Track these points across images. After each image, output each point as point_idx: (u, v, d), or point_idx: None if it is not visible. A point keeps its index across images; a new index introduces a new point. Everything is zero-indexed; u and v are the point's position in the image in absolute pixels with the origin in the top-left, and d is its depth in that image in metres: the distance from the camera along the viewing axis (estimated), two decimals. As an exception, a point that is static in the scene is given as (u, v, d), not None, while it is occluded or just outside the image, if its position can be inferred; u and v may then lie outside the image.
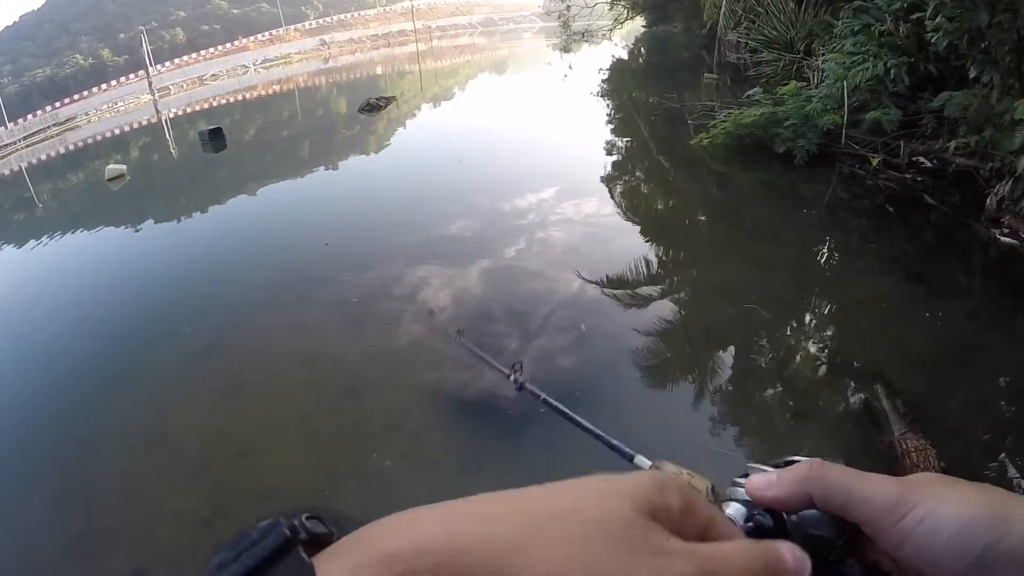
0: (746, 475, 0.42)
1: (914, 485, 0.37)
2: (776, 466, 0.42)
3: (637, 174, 9.83)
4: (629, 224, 7.36)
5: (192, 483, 3.72)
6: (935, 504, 0.35)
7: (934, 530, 0.35)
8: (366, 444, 3.85)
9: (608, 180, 9.07)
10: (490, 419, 3.89)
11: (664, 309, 5.10)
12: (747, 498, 0.40)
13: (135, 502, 3.65)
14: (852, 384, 3.96)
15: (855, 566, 0.39)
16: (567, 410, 2.27)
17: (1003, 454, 3.29)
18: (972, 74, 5.95)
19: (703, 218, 7.75)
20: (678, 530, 0.31)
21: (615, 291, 5.46)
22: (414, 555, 0.27)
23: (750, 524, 0.39)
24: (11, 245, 10.56)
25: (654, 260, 6.13)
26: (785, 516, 0.39)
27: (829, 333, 4.81)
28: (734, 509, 0.40)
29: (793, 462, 0.42)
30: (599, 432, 1.13)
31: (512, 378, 2.54)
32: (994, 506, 0.35)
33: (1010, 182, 5.49)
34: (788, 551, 0.34)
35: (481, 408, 3.99)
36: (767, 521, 0.39)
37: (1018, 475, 3.12)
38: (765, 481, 0.39)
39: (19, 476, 4.04)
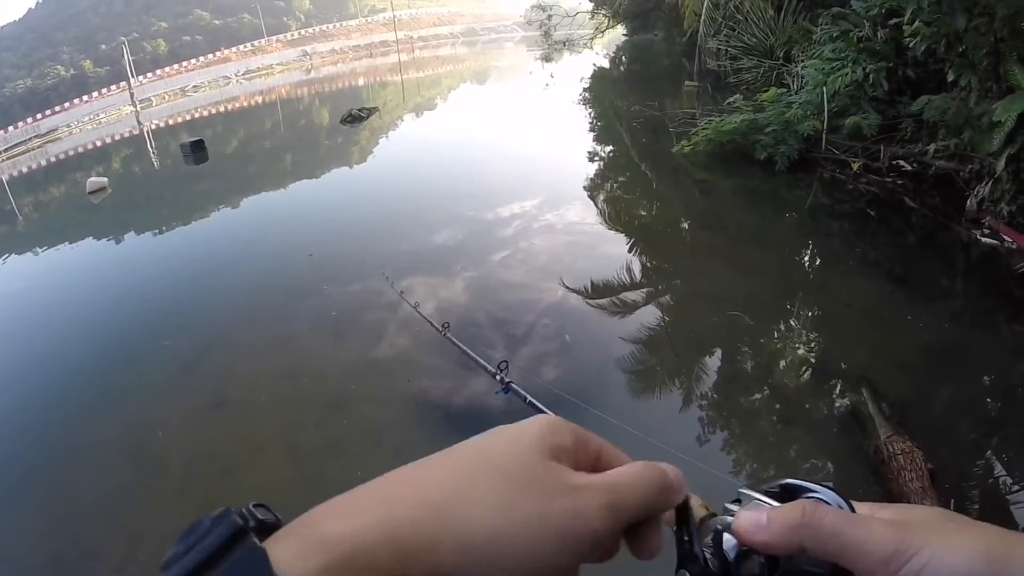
0: (738, 500, 0.40)
1: (912, 530, 0.35)
2: (768, 491, 0.40)
3: (620, 182, 9.86)
4: (612, 232, 7.37)
5: (176, 502, 3.65)
6: (933, 553, 0.34)
7: None
8: (351, 459, 3.80)
9: (591, 189, 9.10)
10: (476, 430, 3.85)
11: (648, 316, 5.09)
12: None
13: (118, 522, 3.58)
14: (838, 388, 3.96)
15: None
16: (552, 414, 2.26)
17: (989, 452, 3.30)
18: (950, 78, 6.01)
19: (686, 225, 7.77)
20: (575, 462, 0.36)
21: (599, 300, 5.45)
22: (359, 531, 0.29)
23: (742, 558, 0.38)
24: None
25: (637, 268, 6.14)
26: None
27: (813, 337, 4.82)
28: (727, 541, 0.38)
29: (786, 487, 0.40)
30: None
31: (498, 377, 2.53)
32: (994, 553, 0.34)
33: (989, 184, 5.54)
34: (670, 470, 0.38)
35: (467, 419, 3.96)
36: (759, 560, 0.38)
37: (1004, 473, 3.13)
38: (755, 523, 0.37)
39: (1, 495, 3.95)
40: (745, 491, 0.41)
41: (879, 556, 0.35)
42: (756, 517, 0.37)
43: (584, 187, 9.08)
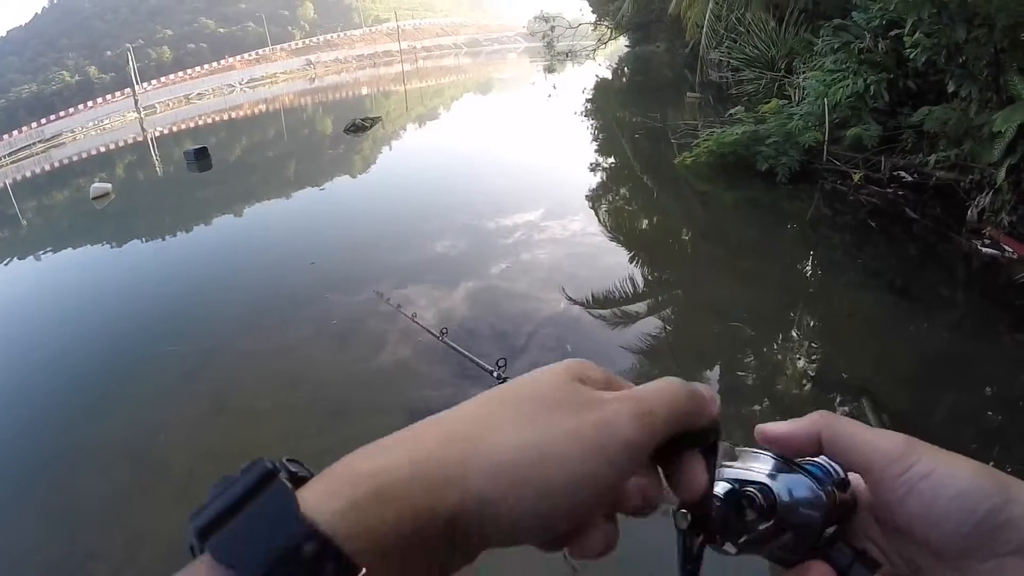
0: (733, 458, 0.42)
1: (919, 443, 0.37)
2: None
3: (622, 193, 9.87)
4: (614, 243, 7.37)
5: (176, 506, 3.64)
6: (940, 461, 0.35)
7: (938, 486, 0.35)
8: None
9: (593, 199, 9.11)
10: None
11: (650, 327, 5.10)
12: (734, 478, 0.40)
13: (119, 525, 3.58)
14: (838, 399, 3.96)
15: (845, 551, 0.38)
16: None
17: (990, 464, 3.28)
18: (951, 89, 6.04)
19: (687, 236, 7.78)
20: (603, 390, 0.35)
21: (601, 310, 5.45)
22: (386, 469, 0.29)
23: (738, 495, 0.39)
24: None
25: (639, 278, 6.14)
26: (776, 497, 0.39)
27: (814, 348, 4.82)
28: (721, 487, 0.39)
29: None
30: None
31: (496, 374, 2.53)
32: (997, 475, 0.35)
33: (990, 194, 5.56)
34: (700, 386, 0.37)
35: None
36: (758, 498, 0.39)
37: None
38: (776, 424, 0.40)
39: (2, 499, 3.95)
40: (742, 448, 0.42)
41: (888, 454, 0.36)
42: (775, 424, 0.41)
43: (586, 198, 9.10)
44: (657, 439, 0.33)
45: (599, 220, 8.14)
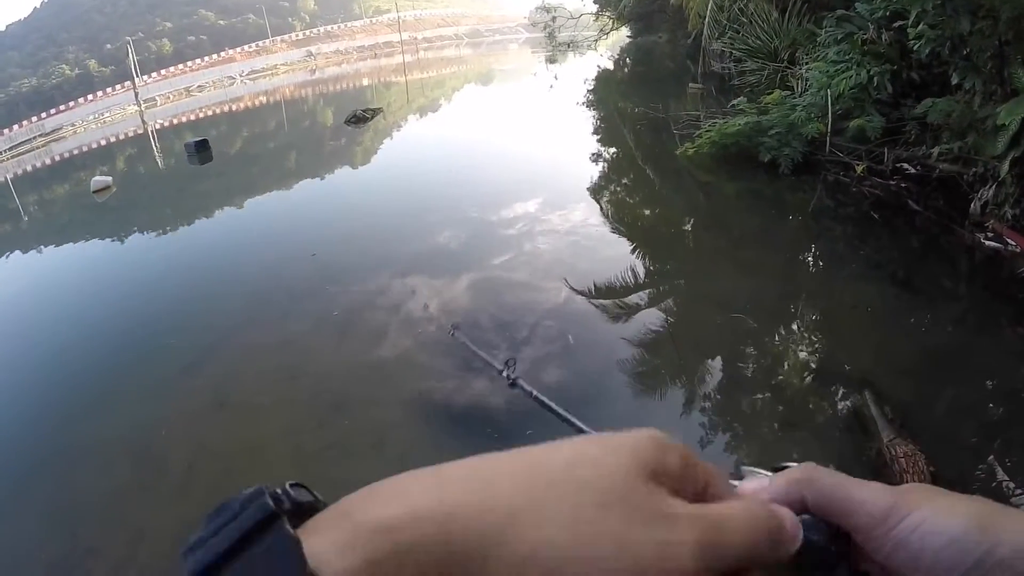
0: (740, 476, 0.41)
1: (907, 494, 0.36)
2: (773, 469, 0.41)
3: (624, 184, 9.85)
4: (616, 234, 7.36)
5: (176, 501, 3.66)
6: (928, 514, 0.35)
7: (927, 540, 0.34)
8: (353, 461, 3.80)
9: (595, 190, 9.09)
10: (481, 423, 3.86)
11: (652, 318, 5.09)
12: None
13: (119, 521, 3.59)
14: (840, 391, 3.96)
15: (846, 573, 0.38)
16: (559, 408, 2.26)
17: (991, 456, 3.29)
18: (954, 80, 6.01)
19: (689, 227, 7.76)
20: (678, 489, 0.30)
21: (603, 300, 5.45)
22: (408, 523, 0.25)
23: None
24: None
25: (641, 269, 6.13)
26: None
27: (817, 340, 4.82)
28: None
29: (786, 467, 0.41)
30: (591, 432, 1.09)
31: (505, 374, 2.54)
32: (985, 518, 0.35)
33: (993, 187, 5.54)
34: (788, 516, 0.33)
35: (471, 419, 3.96)
36: None
37: (1007, 478, 3.12)
38: (758, 485, 0.39)
39: (2, 495, 3.96)
40: (747, 467, 0.42)
41: (876, 512, 0.36)
42: (759, 480, 0.39)
43: (588, 188, 9.08)
44: (718, 572, 0.28)
45: (601, 211, 8.12)
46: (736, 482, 0.41)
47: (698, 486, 0.31)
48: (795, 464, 0.41)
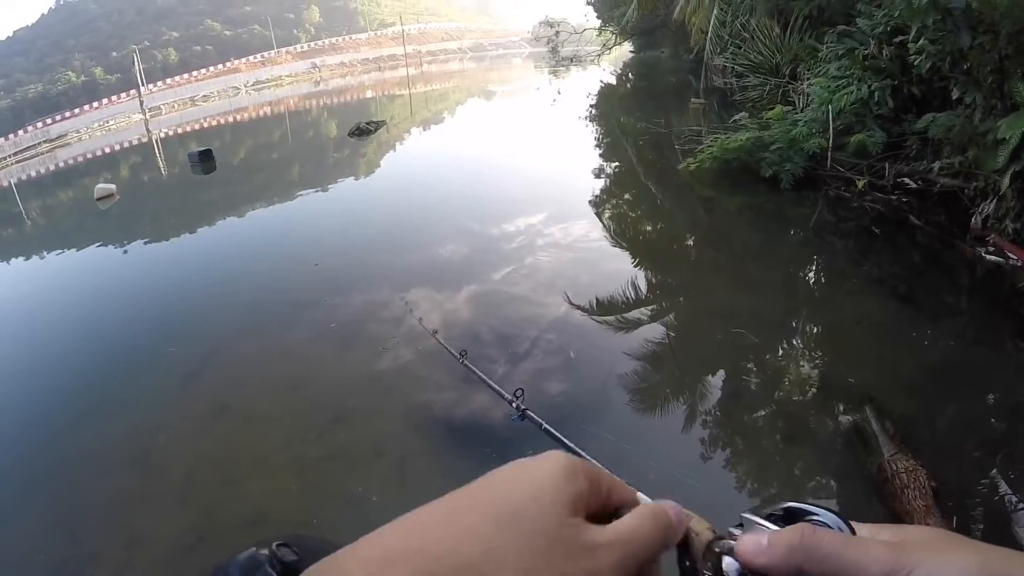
0: (740, 525, 0.41)
1: (908, 550, 0.36)
2: (771, 515, 0.41)
3: (626, 198, 9.88)
4: (617, 249, 7.37)
5: (177, 509, 3.65)
6: (928, 572, 0.35)
7: None
8: (353, 471, 3.79)
9: (597, 205, 9.12)
10: (482, 443, 3.85)
11: (654, 332, 5.09)
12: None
13: (120, 528, 3.57)
14: (841, 406, 3.94)
15: None
16: (566, 440, 2.24)
17: (994, 471, 3.28)
18: (955, 95, 6.03)
19: (691, 242, 7.78)
20: (588, 505, 0.37)
21: (604, 316, 5.45)
22: None
23: None
24: (-2, 263, 10.50)
25: (643, 284, 6.14)
26: None
27: (818, 355, 4.81)
28: (728, 564, 0.39)
29: (789, 510, 0.41)
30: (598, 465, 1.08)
31: (515, 405, 2.51)
32: (987, 568, 0.34)
33: (994, 201, 5.55)
34: (671, 508, 0.40)
35: (472, 433, 3.95)
36: None
37: (1009, 492, 3.11)
38: (755, 547, 0.39)
39: (2, 500, 3.95)
40: (747, 516, 0.42)
41: (875, 575, 0.35)
42: (757, 540, 0.39)
43: (590, 203, 9.11)
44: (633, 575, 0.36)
45: (603, 225, 8.14)
46: (737, 531, 0.41)
47: (602, 497, 0.39)
48: (799, 505, 0.41)
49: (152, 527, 3.50)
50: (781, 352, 4.85)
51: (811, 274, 6.45)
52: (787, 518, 0.41)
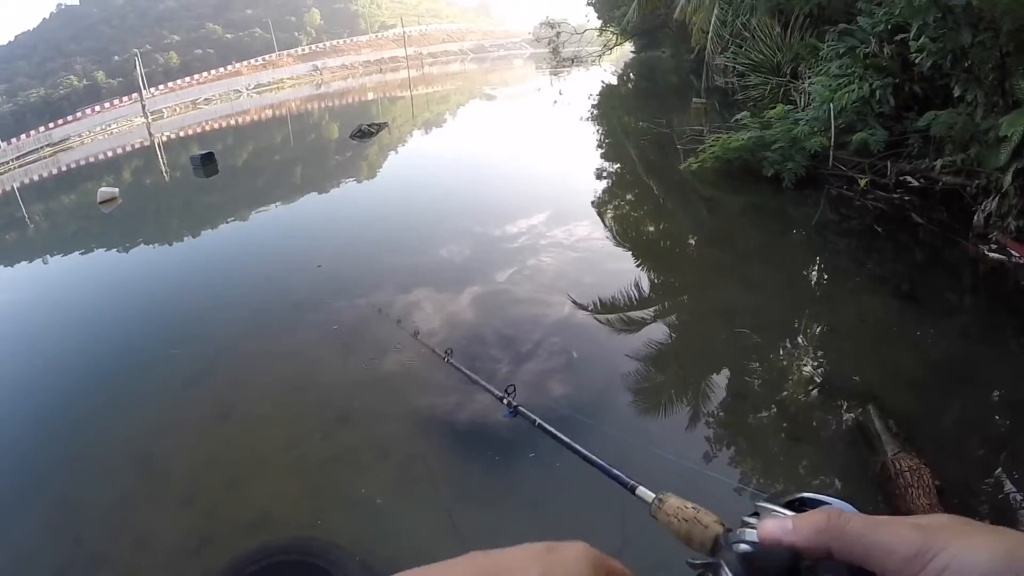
0: (755, 514, 0.41)
1: (934, 532, 0.36)
2: (788, 504, 0.41)
3: (628, 198, 9.87)
4: (620, 249, 7.36)
5: (181, 511, 3.65)
6: (956, 553, 0.35)
7: None
8: (357, 473, 3.80)
9: (599, 205, 9.11)
10: (482, 445, 3.84)
11: (656, 333, 5.09)
12: (756, 540, 0.40)
13: (123, 530, 3.58)
14: (845, 405, 3.94)
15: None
16: (562, 436, 2.23)
17: (998, 469, 3.27)
18: (956, 93, 6.03)
19: (693, 242, 7.77)
20: None
21: (607, 316, 5.45)
22: None
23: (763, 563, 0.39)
24: (0, 266, 10.51)
25: (645, 284, 6.13)
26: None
27: (821, 354, 4.80)
28: (743, 551, 0.39)
29: (804, 500, 0.41)
30: (598, 460, 1.07)
31: (505, 401, 2.50)
32: (1014, 551, 0.34)
33: (996, 198, 5.54)
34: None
35: (472, 435, 3.95)
36: (781, 563, 0.39)
37: (1013, 490, 3.10)
38: (780, 528, 0.39)
39: (6, 501, 3.96)
40: (764, 504, 0.42)
41: (903, 555, 0.36)
42: (782, 523, 0.39)
43: (592, 203, 9.10)
44: None
45: (605, 225, 8.13)
46: (752, 520, 0.41)
47: None
48: (811, 495, 0.41)
49: (156, 529, 3.50)
50: (784, 351, 4.84)
51: (814, 273, 6.44)
52: (800, 508, 0.41)
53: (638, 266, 6.71)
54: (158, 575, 3.21)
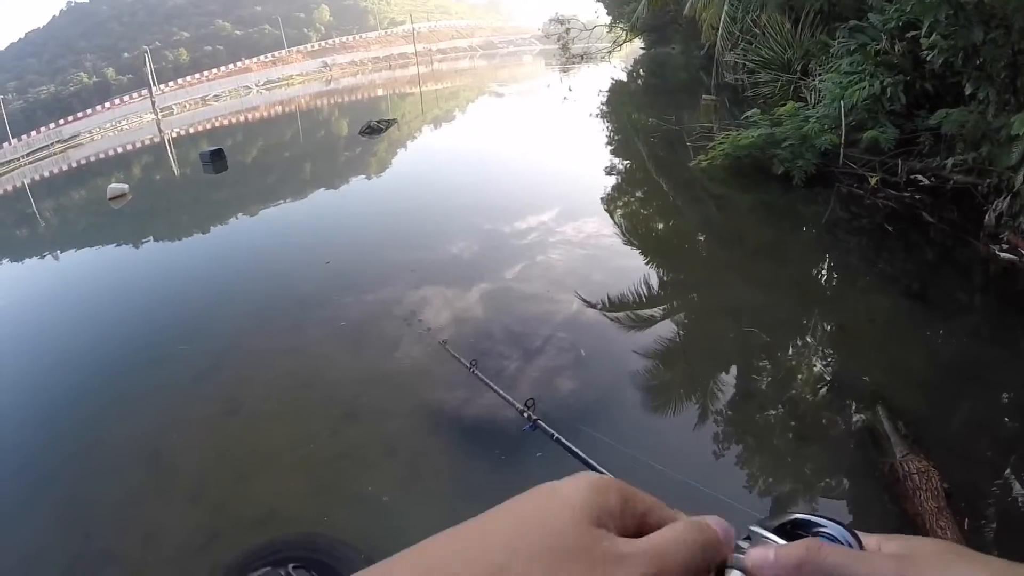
0: (748, 538, 0.41)
1: (914, 564, 0.35)
2: (780, 526, 0.41)
3: (637, 195, 9.85)
4: (629, 246, 7.35)
5: (190, 506, 3.68)
6: None
7: None
8: (364, 470, 3.81)
9: (608, 202, 9.10)
10: (489, 444, 3.84)
11: (665, 330, 5.07)
12: (744, 567, 0.40)
13: (132, 526, 3.60)
14: (854, 406, 3.92)
15: None
16: (582, 453, 2.23)
17: (1007, 472, 3.25)
18: (968, 91, 5.98)
19: (702, 239, 7.75)
20: (621, 525, 0.35)
21: (616, 313, 5.43)
22: None
23: None
24: (11, 262, 10.59)
25: (655, 281, 6.12)
26: None
27: (830, 353, 4.78)
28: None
29: (797, 522, 0.41)
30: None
31: (526, 415, 2.49)
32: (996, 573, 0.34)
33: (1008, 198, 5.49)
34: (716, 524, 0.37)
35: (481, 432, 3.95)
36: None
37: (1022, 492, 3.08)
38: (763, 559, 0.38)
39: (17, 498, 3.99)
40: (756, 529, 0.42)
41: None
42: (764, 554, 0.38)
43: (601, 200, 9.09)
44: None
45: (614, 222, 8.12)
46: (745, 544, 0.41)
47: (638, 516, 0.36)
48: (807, 517, 0.41)
49: (164, 525, 3.52)
50: (793, 351, 4.83)
51: (823, 271, 6.41)
52: (794, 531, 0.41)
53: (647, 263, 6.69)
54: (166, 570, 3.23)
